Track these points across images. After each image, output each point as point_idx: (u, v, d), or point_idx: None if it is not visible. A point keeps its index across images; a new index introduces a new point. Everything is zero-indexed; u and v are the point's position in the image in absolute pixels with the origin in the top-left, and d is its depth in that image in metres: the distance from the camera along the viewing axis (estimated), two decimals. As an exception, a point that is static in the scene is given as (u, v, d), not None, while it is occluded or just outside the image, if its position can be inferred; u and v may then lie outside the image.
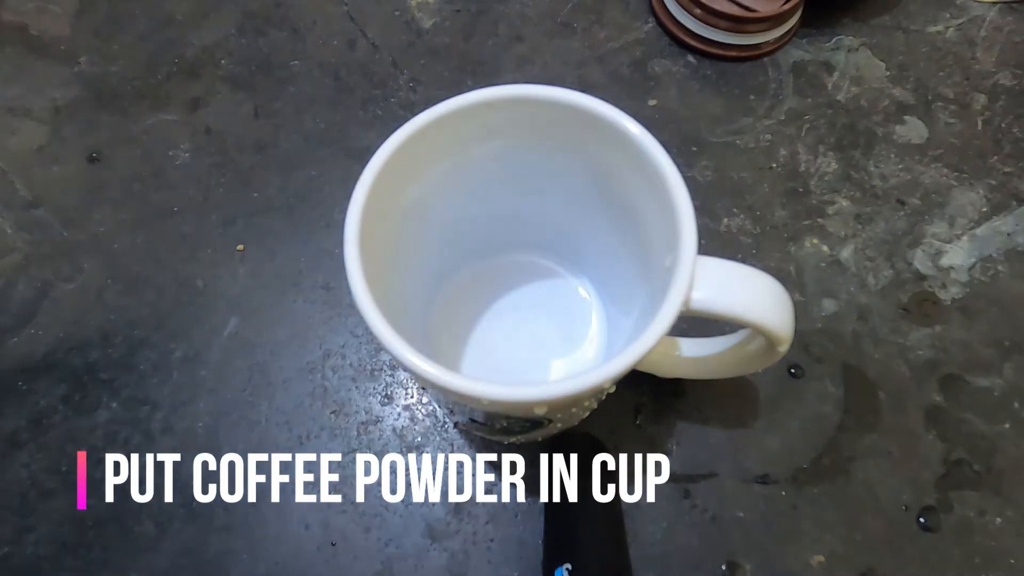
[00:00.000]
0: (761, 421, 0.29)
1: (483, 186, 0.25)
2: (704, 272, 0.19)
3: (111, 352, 0.31)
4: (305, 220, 0.34)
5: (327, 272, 0.33)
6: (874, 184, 0.35)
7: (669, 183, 0.20)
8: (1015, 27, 0.41)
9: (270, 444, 0.29)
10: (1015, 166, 0.36)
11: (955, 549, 0.27)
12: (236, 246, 0.33)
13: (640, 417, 0.29)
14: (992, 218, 0.34)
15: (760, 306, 0.20)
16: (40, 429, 0.29)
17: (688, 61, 0.39)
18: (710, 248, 0.33)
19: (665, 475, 0.28)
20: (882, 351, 0.31)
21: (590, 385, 0.17)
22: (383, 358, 0.31)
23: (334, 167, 0.35)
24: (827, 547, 0.27)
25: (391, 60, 0.39)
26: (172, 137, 0.36)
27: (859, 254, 0.33)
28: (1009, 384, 0.30)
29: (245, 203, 0.34)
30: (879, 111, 0.37)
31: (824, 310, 0.32)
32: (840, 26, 0.40)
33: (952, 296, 0.32)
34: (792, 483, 0.28)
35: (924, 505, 0.28)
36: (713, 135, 0.36)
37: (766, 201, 0.34)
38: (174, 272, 0.33)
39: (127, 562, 0.27)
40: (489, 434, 0.27)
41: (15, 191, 0.35)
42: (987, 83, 0.38)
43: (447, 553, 0.27)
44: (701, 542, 0.27)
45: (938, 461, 0.29)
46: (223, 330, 0.31)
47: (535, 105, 0.21)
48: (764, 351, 0.22)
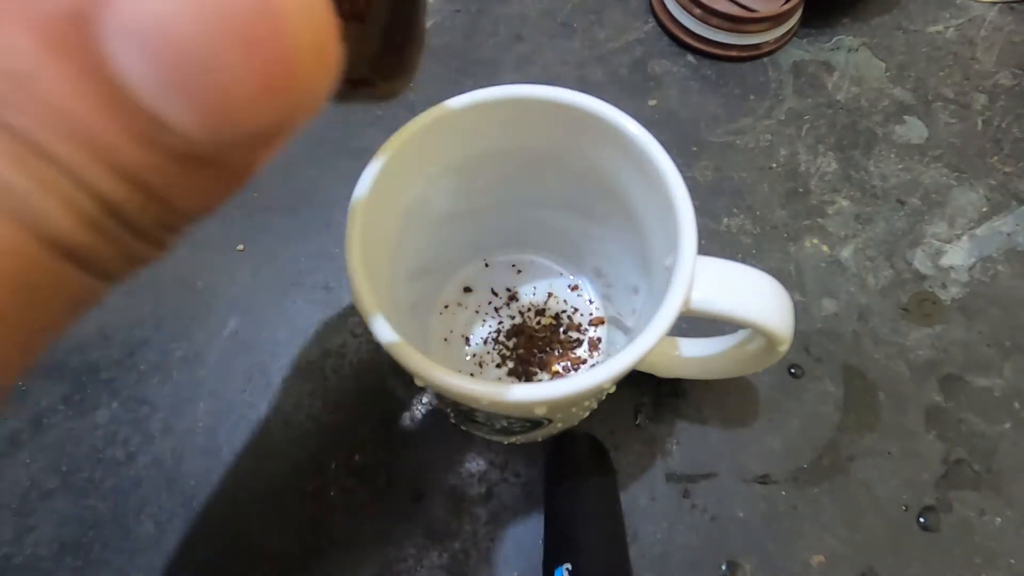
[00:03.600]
0: (761, 421, 0.29)
1: (483, 186, 0.25)
2: (704, 272, 0.19)
3: (111, 352, 0.31)
4: (305, 220, 0.34)
5: (327, 272, 0.33)
6: (874, 184, 0.35)
7: (669, 183, 0.20)
8: (1015, 27, 0.41)
9: (270, 444, 0.29)
10: (1015, 166, 0.36)
11: (955, 549, 0.27)
12: (236, 246, 0.33)
13: (640, 417, 0.29)
14: (992, 218, 0.34)
15: (760, 306, 0.20)
16: (40, 429, 0.29)
17: (688, 61, 0.39)
18: (710, 248, 0.33)
19: (665, 475, 0.28)
20: (882, 351, 0.31)
21: (590, 385, 0.17)
22: (383, 358, 0.31)
23: (334, 167, 0.35)
24: (827, 547, 0.27)
25: (391, 60, 0.39)
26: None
27: (859, 254, 0.33)
28: (1009, 384, 0.30)
29: (245, 203, 0.34)
30: (879, 111, 0.37)
31: (824, 310, 0.32)
32: (840, 26, 0.40)
33: (952, 296, 0.32)
34: (792, 483, 0.28)
35: (924, 505, 0.28)
36: (713, 135, 0.36)
37: (766, 201, 0.34)
38: (174, 272, 0.32)
39: (127, 562, 0.27)
40: (489, 434, 0.27)
41: (15, 191, 0.35)
42: (987, 83, 0.38)
43: (447, 553, 0.27)
44: (701, 542, 0.27)
45: (938, 461, 0.29)
46: (223, 330, 0.31)
47: (535, 105, 0.21)
48: (764, 351, 0.22)
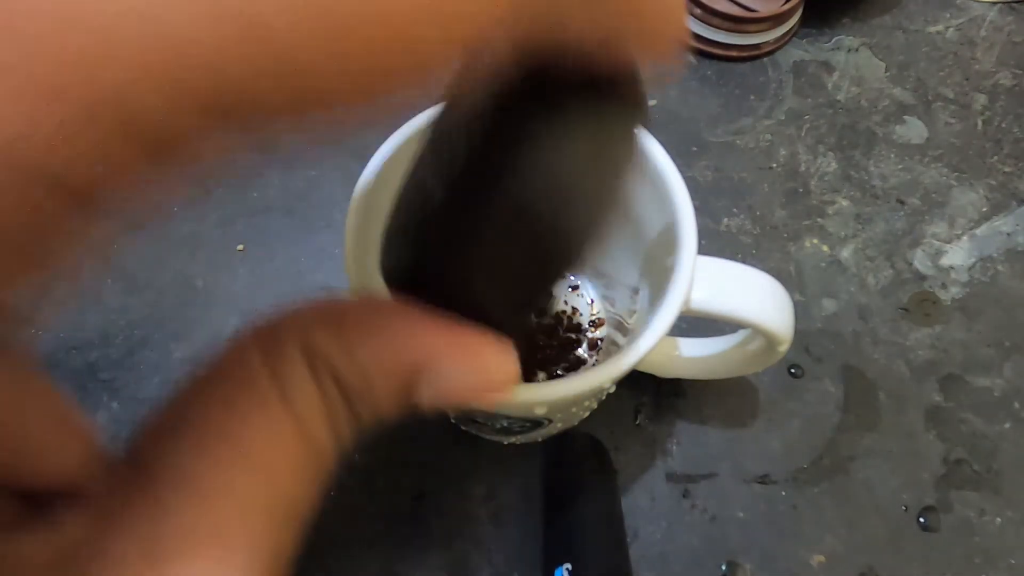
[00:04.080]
0: (761, 421, 0.29)
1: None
2: (704, 272, 0.19)
3: (111, 352, 0.31)
4: (305, 220, 0.34)
5: (327, 272, 0.33)
6: (874, 184, 0.35)
7: (669, 183, 0.20)
8: (1015, 27, 0.41)
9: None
10: (1015, 166, 0.36)
11: (955, 549, 0.27)
12: (236, 246, 0.33)
13: (640, 417, 0.29)
14: (992, 218, 0.34)
15: (760, 306, 0.20)
16: (40, 429, 0.29)
17: (688, 61, 0.39)
18: (710, 248, 0.33)
19: (664, 475, 0.28)
20: (882, 351, 0.31)
21: (590, 385, 0.17)
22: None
23: (334, 167, 0.35)
24: (827, 547, 0.27)
25: (391, 60, 0.39)
26: (172, 137, 0.36)
27: (859, 254, 0.33)
28: (1009, 384, 0.30)
29: (245, 203, 0.34)
30: (879, 111, 0.37)
31: (824, 310, 0.32)
32: (840, 26, 0.40)
33: (952, 296, 0.32)
34: (792, 483, 0.28)
35: (924, 505, 0.28)
36: (713, 135, 0.36)
37: (766, 201, 0.34)
38: (174, 272, 0.32)
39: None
40: (489, 434, 0.27)
41: (15, 191, 0.35)
42: (987, 83, 0.38)
43: (447, 553, 0.27)
44: (701, 542, 0.27)
45: (938, 461, 0.29)
46: (223, 330, 0.31)
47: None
48: (764, 351, 0.22)
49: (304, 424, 0.10)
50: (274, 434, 0.10)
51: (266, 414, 0.10)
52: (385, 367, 0.10)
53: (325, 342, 0.10)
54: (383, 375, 0.10)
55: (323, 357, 0.10)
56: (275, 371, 0.10)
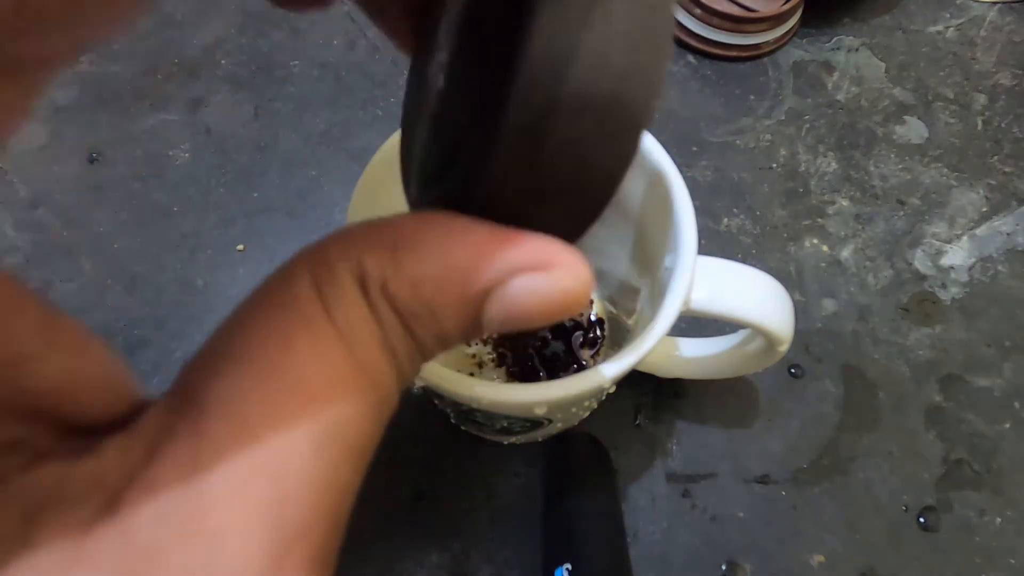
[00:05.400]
0: (761, 421, 0.29)
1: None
2: (704, 272, 0.19)
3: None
4: (305, 220, 0.34)
5: (327, 272, 0.33)
6: (874, 184, 0.35)
7: (669, 183, 0.20)
8: (1015, 27, 0.41)
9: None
10: (1015, 166, 0.36)
11: (955, 549, 0.27)
12: (236, 246, 0.33)
13: (640, 417, 0.29)
14: (992, 218, 0.34)
15: (760, 306, 0.20)
16: (40, 429, 0.29)
17: (688, 61, 0.39)
18: (710, 248, 0.33)
19: (664, 475, 0.28)
20: (882, 351, 0.31)
21: (590, 385, 0.17)
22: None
23: (334, 167, 0.35)
24: (827, 547, 0.27)
25: (391, 60, 0.39)
26: (172, 137, 0.36)
27: (859, 254, 0.33)
28: (1009, 384, 0.30)
29: (245, 203, 0.34)
30: (879, 111, 0.37)
31: (824, 310, 0.32)
32: (840, 26, 0.40)
33: (952, 296, 0.32)
34: (792, 483, 0.28)
35: (924, 505, 0.28)
36: (713, 135, 0.36)
37: (766, 201, 0.34)
38: (174, 272, 0.32)
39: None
40: (489, 434, 0.27)
41: (15, 191, 0.35)
42: (987, 83, 0.38)
43: (448, 553, 0.27)
44: (701, 542, 0.27)
45: (938, 461, 0.29)
46: (223, 330, 0.31)
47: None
48: (764, 351, 0.22)
49: (357, 350, 0.09)
50: (322, 358, 0.09)
51: (312, 336, 0.09)
52: (448, 287, 0.10)
53: (379, 264, 0.09)
54: (446, 296, 0.10)
55: (377, 280, 0.09)
56: (323, 292, 0.09)
